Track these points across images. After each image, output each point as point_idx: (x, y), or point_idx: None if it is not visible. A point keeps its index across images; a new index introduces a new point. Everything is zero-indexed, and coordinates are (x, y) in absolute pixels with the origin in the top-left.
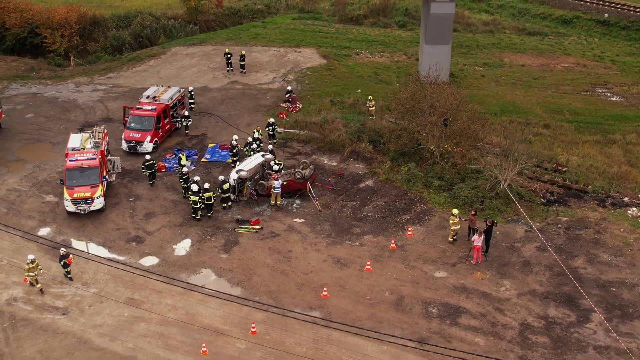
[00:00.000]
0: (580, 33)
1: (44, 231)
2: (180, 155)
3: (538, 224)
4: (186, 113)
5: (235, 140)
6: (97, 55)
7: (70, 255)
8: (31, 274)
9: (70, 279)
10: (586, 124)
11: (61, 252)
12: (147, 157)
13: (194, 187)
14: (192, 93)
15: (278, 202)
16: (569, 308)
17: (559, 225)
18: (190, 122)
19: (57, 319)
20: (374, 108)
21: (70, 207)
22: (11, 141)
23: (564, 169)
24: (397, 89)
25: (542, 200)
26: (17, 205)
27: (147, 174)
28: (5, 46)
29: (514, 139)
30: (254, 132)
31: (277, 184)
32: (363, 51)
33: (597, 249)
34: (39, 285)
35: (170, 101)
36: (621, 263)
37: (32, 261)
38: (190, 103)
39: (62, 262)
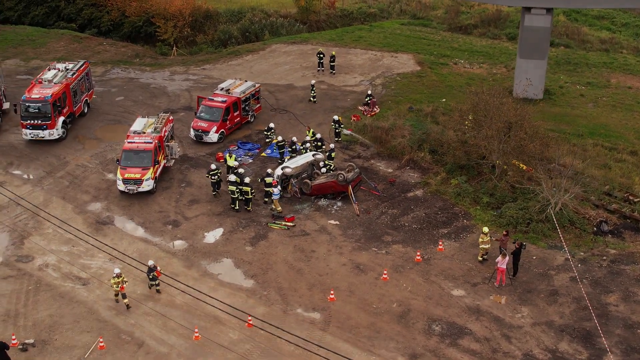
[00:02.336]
0: None
1: (94, 206)
2: (227, 156)
3: (582, 253)
4: (272, 125)
5: (280, 137)
6: (200, 47)
7: (159, 268)
8: (116, 287)
9: (158, 291)
10: None
11: (149, 264)
12: (213, 166)
13: (232, 178)
14: (314, 87)
15: (278, 208)
16: (583, 345)
17: (604, 258)
18: (273, 137)
19: (77, 288)
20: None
21: (121, 187)
22: (95, 120)
23: (636, 200)
24: (462, 99)
25: (594, 228)
26: (79, 180)
27: (212, 182)
28: (122, 33)
29: (585, 163)
30: (307, 134)
31: (275, 190)
32: (462, 61)
33: (638, 287)
34: (125, 301)
35: (242, 95)
36: None
37: (118, 275)
38: (312, 94)
39: (150, 275)
